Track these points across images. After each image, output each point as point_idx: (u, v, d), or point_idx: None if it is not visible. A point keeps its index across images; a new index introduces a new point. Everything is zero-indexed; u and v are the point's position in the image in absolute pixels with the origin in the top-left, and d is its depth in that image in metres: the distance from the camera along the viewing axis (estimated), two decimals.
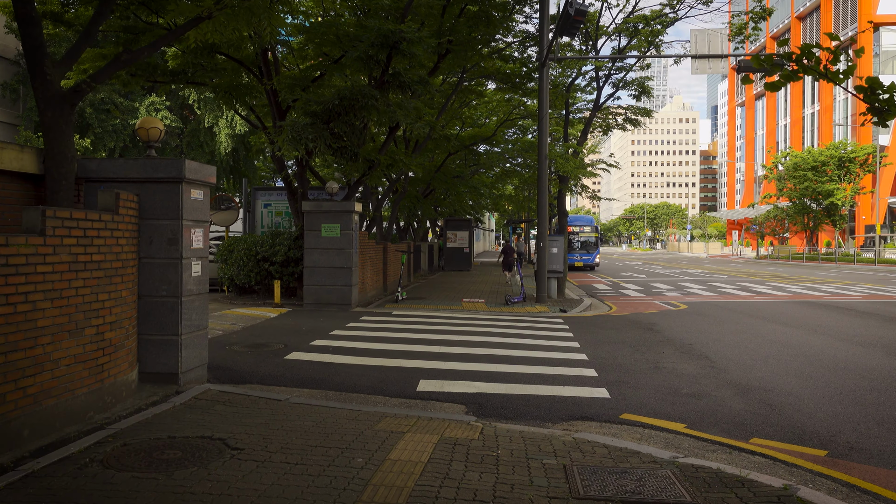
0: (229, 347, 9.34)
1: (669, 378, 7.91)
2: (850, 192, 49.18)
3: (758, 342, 10.72)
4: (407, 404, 6.66)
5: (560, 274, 17.38)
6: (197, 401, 6.28)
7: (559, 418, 6.23)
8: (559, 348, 9.93)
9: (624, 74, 19.87)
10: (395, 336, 10.68)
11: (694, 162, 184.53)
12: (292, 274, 14.99)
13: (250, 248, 15.01)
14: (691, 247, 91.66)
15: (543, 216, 16.36)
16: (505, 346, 9.97)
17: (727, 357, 9.35)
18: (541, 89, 16.25)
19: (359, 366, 8.30)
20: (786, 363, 8.90)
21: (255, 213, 17.54)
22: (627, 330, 12.16)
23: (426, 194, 27.69)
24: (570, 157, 18.26)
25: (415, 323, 12.41)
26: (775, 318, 14.01)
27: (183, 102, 33.22)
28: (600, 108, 20.22)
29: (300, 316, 13.02)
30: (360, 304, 15.20)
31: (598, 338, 11.08)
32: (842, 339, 11.10)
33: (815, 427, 5.96)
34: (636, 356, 9.35)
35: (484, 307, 15.43)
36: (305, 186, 15.01)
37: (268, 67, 14.62)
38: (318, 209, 14.21)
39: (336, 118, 13.19)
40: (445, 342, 10.19)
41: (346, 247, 14.24)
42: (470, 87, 25.36)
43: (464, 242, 32.20)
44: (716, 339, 10.99)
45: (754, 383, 7.66)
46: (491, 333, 11.26)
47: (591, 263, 36.31)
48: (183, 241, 6.79)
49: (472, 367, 8.36)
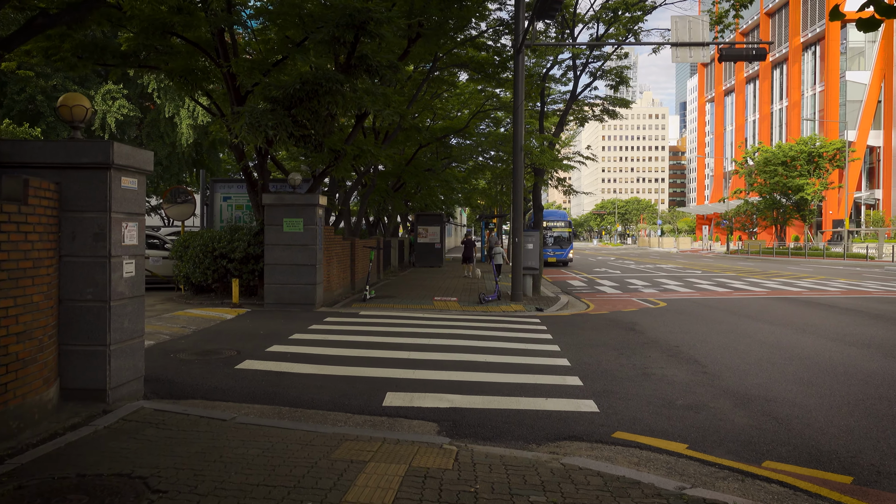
0: (175, 355, 8.41)
1: (661, 386, 7.22)
2: (820, 187, 49.50)
3: (747, 343, 10.12)
4: (371, 423, 5.85)
5: (535, 271, 16.69)
6: (125, 423, 5.39)
7: (544, 438, 5.48)
8: (539, 352, 9.19)
9: (601, 63, 19.18)
10: (361, 340, 9.85)
11: (663, 158, 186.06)
12: (252, 272, 14.04)
13: (207, 243, 14.01)
14: (661, 242, 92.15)
15: (519, 210, 15.64)
16: (480, 350, 9.21)
17: (718, 361, 8.71)
18: (516, 77, 15.49)
19: (319, 376, 7.46)
20: (781, 367, 8.29)
21: (214, 207, 16.50)
22: (609, 330, 11.49)
23: (396, 188, 26.81)
24: (545, 148, 17.57)
25: (383, 325, 11.58)
26: (759, 316, 13.49)
27: (142, 91, 31.80)
28: (577, 99, 19.55)
29: (259, 317, 12.10)
30: (326, 304, 14.32)
31: (579, 340, 10.38)
32: (833, 338, 10.56)
33: (832, 446, 5.30)
34: (622, 361, 8.66)
35: (457, 306, 14.66)
36: (266, 178, 14.03)
37: (224, 49, 13.61)
38: (280, 202, 13.28)
39: (298, 105, 12.27)
40: (416, 347, 9.39)
41: (310, 243, 13.34)
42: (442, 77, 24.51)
43: (435, 238, 31.39)
44: (702, 341, 10.37)
45: (753, 392, 7.01)
46: (465, 336, 10.49)
47: (564, 259, 35.78)
48: (112, 237, 5.88)
49: (444, 376, 7.57)
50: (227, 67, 13.24)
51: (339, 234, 17.55)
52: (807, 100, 69.12)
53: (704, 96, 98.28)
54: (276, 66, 13.71)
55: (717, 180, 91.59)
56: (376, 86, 12.90)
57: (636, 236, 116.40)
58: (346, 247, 17.03)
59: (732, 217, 62.19)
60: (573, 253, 39.96)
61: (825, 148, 49.23)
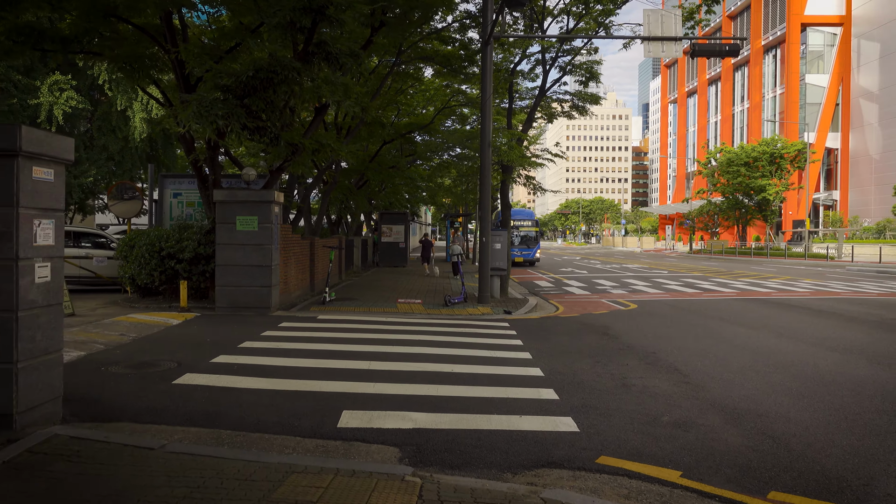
0: (107, 368, 7.54)
1: (643, 400, 6.65)
2: (781, 188, 50.10)
3: (726, 349, 9.65)
4: (324, 448, 5.13)
5: (503, 271, 16.09)
6: (31, 456, 4.58)
7: (520, 465, 4.83)
8: (509, 361, 8.56)
9: (571, 58, 18.66)
10: (317, 349, 9.09)
11: (626, 158, 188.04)
12: (203, 273, 13.13)
13: (153, 242, 13.07)
14: (625, 241, 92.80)
15: (486, 209, 15.01)
16: (446, 359, 8.54)
17: (699, 369, 8.19)
18: (484, 70, 14.87)
19: (268, 391, 6.69)
20: (766, 376, 7.80)
21: (164, 204, 15.49)
22: (581, 335, 10.93)
23: (359, 186, 25.98)
24: (514, 145, 17.00)
25: (342, 330, 10.83)
26: (733, 319, 13.10)
27: (93, 83, 30.31)
28: (546, 94, 19.00)
29: (208, 323, 11.23)
30: (283, 307, 13.49)
31: (551, 346, 9.78)
32: (812, 343, 10.17)
33: (839, 471, 4.77)
34: (598, 370, 8.07)
35: (421, 309, 13.97)
36: (217, 173, 13.12)
37: (172, 35, 12.67)
38: (233, 199, 12.42)
39: (252, 94, 11.43)
40: (376, 355, 8.67)
41: (265, 242, 12.51)
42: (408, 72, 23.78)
43: (399, 237, 30.63)
44: (679, 346, 9.87)
45: (742, 405, 6.48)
46: (430, 343, 9.81)
47: (531, 259, 35.28)
48: (20, 236, 5.05)
49: (407, 389, 6.88)
50: (175, 53, 12.32)
51: (298, 234, 16.71)
52: (767, 102, 70.16)
53: (667, 97, 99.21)
54: (230, 54, 12.83)
55: (679, 181, 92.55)
56: (336, 76, 12.13)
57: (600, 236, 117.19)
58: (305, 246, 16.20)
59: (695, 217, 62.71)
60: (540, 252, 39.50)
61: (787, 149, 49.84)
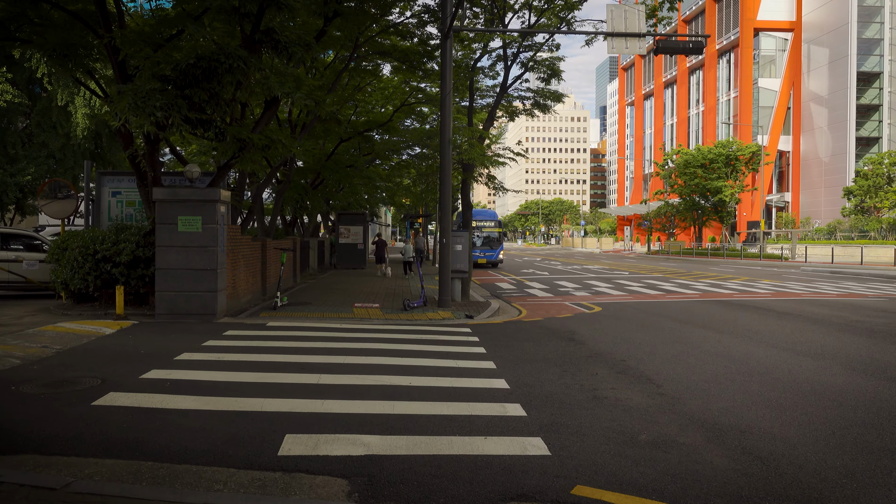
0: (18, 388, 6.68)
1: (617, 415, 6.12)
2: (737, 189, 50.82)
3: (698, 355, 9.24)
4: (261, 482, 4.44)
5: (465, 274, 15.52)
6: None
7: (486, 499, 4.23)
8: (472, 371, 7.96)
9: (533, 54, 18.16)
10: (263, 360, 8.35)
11: (585, 160, 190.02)
12: (142, 277, 12.22)
13: (87, 244, 12.09)
14: (585, 242, 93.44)
15: (447, 209, 14.41)
16: (404, 370, 7.90)
17: (673, 378, 7.73)
18: (443, 64, 14.27)
19: (202, 413, 5.96)
20: (743, 385, 7.37)
21: (102, 203, 14.45)
22: (546, 341, 10.41)
23: (315, 185, 25.12)
24: (475, 143, 16.44)
25: (292, 339, 10.08)
26: (699, 322, 12.77)
27: (31, 76, 28.76)
28: (507, 91, 18.50)
29: (145, 332, 10.35)
30: (230, 313, 12.66)
31: (516, 354, 9.22)
32: (783, 348, 9.84)
33: (838, 497, 4.29)
34: (566, 380, 7.54)
35: (379, 314, 13.29)
36: (157, 170, 12.20)
37: (107, 19, 11.73)
38: (174, 198, 11.54)
39: (195, 85, 10.60)
40: (328, 367, 7.98)
41: (210, 244, 11.67)
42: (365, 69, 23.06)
43: (358, 238, 29.82)
44: (650, 353, 9.42)
45: (723, 420, 6.01)
46: (387, 352, 9.15)
47: (494, 260, 34.60)
48: None
49: (360, 407, 6.22)
50: (108, 39, 11.38)
51: (248, 235, 15.86)
52: (722, 105, 71.34)
53: (625, 100, 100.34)
54: (171, 42, 11.95)
55: (636, 182, 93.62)
56: (287, 67, 11.38)
57: (560, 237, 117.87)
58: (255, 248, 15.36)
59: (653, 218, 63.31)
60: (503, 254, 38.82)
61: (742, 151, 50.59)
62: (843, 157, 60.19)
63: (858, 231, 45.89)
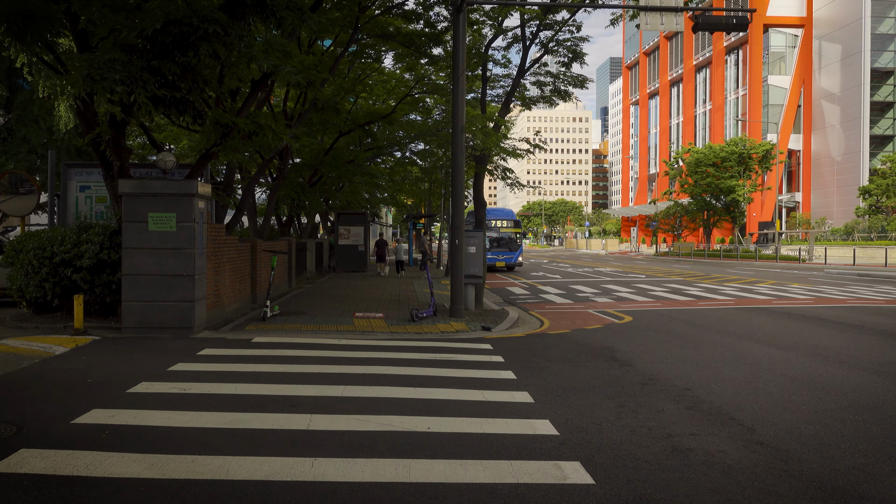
0: None
1: (719, 481, 4.43)
2: (750, 189, 49.16)
3: (776, 381, 7.53)
4: None
5: (479, 279, 13.83)
6: None
7: None
8: (503, 408, 6.27)
9: (554, 33, 16.47)
10: (240, 393, 6.64)
11: (587, 161, 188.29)
12: (108, 284, 10.52)
13: (44, 246, 10.40)
14: (589, 243, 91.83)
15: (459, 205, 12.72)
16: (417, 406, 6.21)
17: (762, 417, 6.03)
18: (456, 42, 12.60)
19: (142, 484, 4.25)
20: (860, 429, 5.66)
21: (68, 199, 12.78)
22: (583, 361, 8.71)
23: (313, 182, 23.42)
24: (490, 131, 14.78)
25: (280, 359, 8.38)
26: (751, 335, 11.08)
27: (10, 66, 27.04)
28: (526, 74, 16.77)
29: (104, 351, 8.65)
30: (212, 326, 10.96)
31: (552, 380, 7.52)
32: (874, 371, 8.15)
33: None
34: (628, 421, 5.85)
35: (383, 325, 11.60)
36: (124, 158, 10.47)
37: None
38: (144, 191, 9.85)
39: (166, 56, 8.91)
40: (321, 404, 6.28)
41: (186, 245, 9.98)
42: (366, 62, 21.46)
43: (358, 239, 28.10)
44: (715, 378, 7.72)
45: (869, 489, 4.31)
46: (394, 379, 7.45)
47: (513, 263, 31.87)
48: None
49: (363, 470, 4.53)
50: (66, 4, 9.68)
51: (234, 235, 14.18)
52: (730, 103, 69.68)
53: (629, 99, 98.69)
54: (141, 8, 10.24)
55: (641, 182, 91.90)
56: (275, 36, 9.72)
57: (563, 238, 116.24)
58: (243, 251, 13.67)
59: (661, 218, 61.65)
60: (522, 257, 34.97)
61: (755, 149, 48.94)
62: (856, 156, 58.51)
63: (878, 231, 44.21)
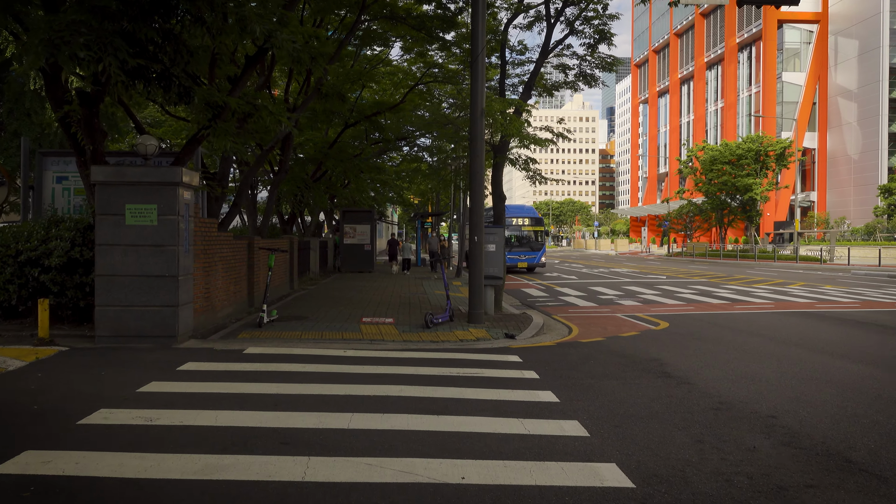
0: None
1: None
2: (767, 187, 47.71)
3: (868, 402, 6.19)
4: None
5: (499, 281, 12.51)
6: None
7: None
8: (551, 444, 4.94)
9: (580, 11, 15.12)
10: (222, 425, 5.32)
11: (594, 160, 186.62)
12: (81, 286, 9.25)
13: (8, 244, 9.14)
14: (598, 244, 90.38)
15: (478, 198, 11.41)
16: (442, 443, 4.89)
17: (887, 459, 4.71)
18: (475, 17, 11.30)
19: None
20: None
21: (43, 191, 11.54)
22: (632, 378, 7.39)
23: (317, 177, 22.14)
24: (512, 116, 13.50)
25: (274, 377, 7.08)
26: (811, 345, 9.74)
27: None
28: (550, 54, 15.43)
29: (66, 367, 7.35)
30: (200, 334, 9.67)
31: (603, 403, 6.20)
32: None
33: None
34: (716, 464, 4.52)
35: (394, 332, 10.30)
36: (98, 141, 9.16)
37: None
38: (120, 179, 8.57)
39: (142, 20, 7.64)
40: (322, 440, 4.97)
41: (169, 242, 8.70)
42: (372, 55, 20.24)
43: (364, 238, 26.81)
44: (798, 400, 6.38)
45: None
46: (410, 403, 6.13)
47: (535, 264, 30.02)
48: None
49: None
50: None
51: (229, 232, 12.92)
52: (743, 101, 68.19)
53: (638, 97, 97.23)
54: None
55: (650, 182, 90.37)
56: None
57: (571, 238, 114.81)
58: (239, 249, 12.40)
59: (674, 218, 60.21)
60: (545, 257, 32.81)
61: (772, 146, 47.48)
62: (874, 154, 57.00)
63: None
